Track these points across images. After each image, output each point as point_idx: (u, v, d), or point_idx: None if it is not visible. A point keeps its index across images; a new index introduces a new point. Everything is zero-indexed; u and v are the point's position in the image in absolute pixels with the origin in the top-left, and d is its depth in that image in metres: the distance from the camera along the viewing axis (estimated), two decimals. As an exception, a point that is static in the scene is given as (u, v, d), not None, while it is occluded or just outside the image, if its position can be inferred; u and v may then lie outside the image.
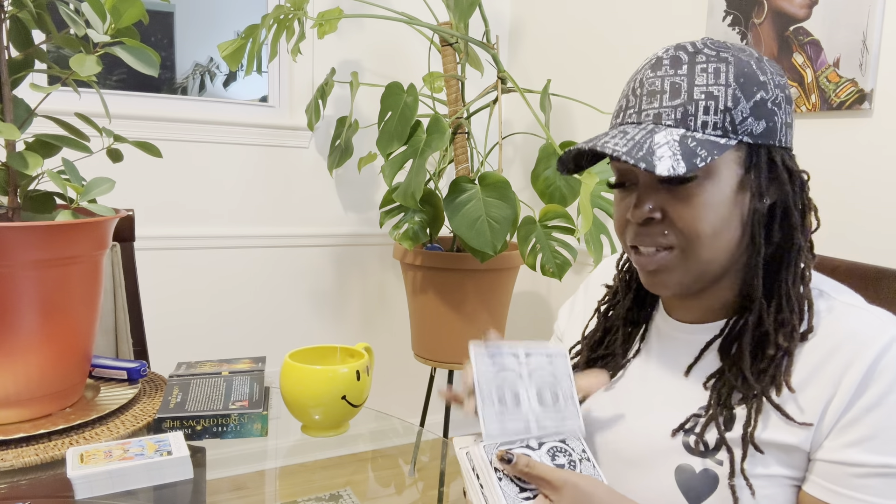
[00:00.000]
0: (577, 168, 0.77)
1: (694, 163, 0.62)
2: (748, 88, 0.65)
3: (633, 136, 0.65)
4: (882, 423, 0.61)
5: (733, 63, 0.66)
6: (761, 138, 0.66)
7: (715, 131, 0.65)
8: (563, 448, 0.69)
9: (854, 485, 0.62)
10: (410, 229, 1.92)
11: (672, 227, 0.68)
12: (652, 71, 0.68)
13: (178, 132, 2.06)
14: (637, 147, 0.63)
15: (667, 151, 0.62)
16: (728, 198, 0.67)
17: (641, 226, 0.70)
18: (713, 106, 0.64)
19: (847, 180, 1.48)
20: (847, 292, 0.71)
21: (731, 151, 0.66)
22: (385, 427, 1.15)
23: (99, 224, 0.91)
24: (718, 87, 0.65)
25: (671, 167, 0.61)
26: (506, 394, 0.70)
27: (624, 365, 0.80)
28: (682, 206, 0.67)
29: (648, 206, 0.68)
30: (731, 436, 0.67)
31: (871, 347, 0.63)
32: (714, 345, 0.73)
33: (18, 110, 0.94)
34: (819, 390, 0.64)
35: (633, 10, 2.03)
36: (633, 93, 0.69)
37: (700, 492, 0.67)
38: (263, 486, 1.92)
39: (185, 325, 2.14)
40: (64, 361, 0.92)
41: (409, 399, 2.56)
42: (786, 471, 0.65)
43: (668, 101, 0.66)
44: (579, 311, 0.93)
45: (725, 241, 0.68)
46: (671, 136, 0.64)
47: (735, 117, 0.65)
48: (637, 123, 0.67)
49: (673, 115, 0.65)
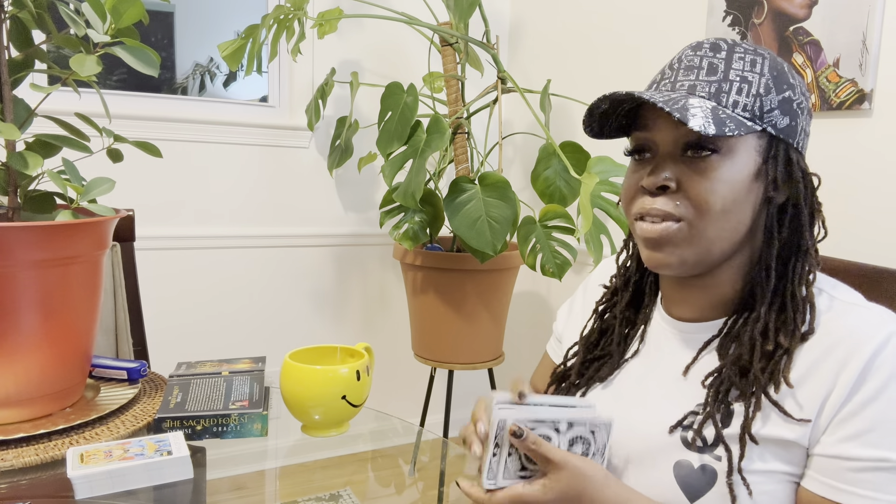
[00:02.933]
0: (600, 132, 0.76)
1: (723, 129, 0.63)
2: (780, 83, 0.68)
3: (670, 94, 0.67)
4: (879, 418, 0.61)
5: (769, 58, 0.69)
6: (783, 133, 0.68)
7: (744, 112, 0.66)
8: (586, 438, 0.69)
9: (851, 479, 0.62)
10: (410, 229, 1.92)
11: (684, 197, 0.68)
12: (692, 51, 0.70)
13: (178, 132, 2.06)
14: (674, 102, 0.65)
15: (700, 113, 0.64)
16: (743, 181, 0.68)
17: (653, 195, 0.70)
18: (746, 89, 0.67)
19: (847, 180, 1.48)
20: (846, 290, 0.72)
21: (753, 138, 0.68)
22: (385, 427, 1.15)
23: (99, 224, 0.91)
24: (753, 74, 0.67)
25: (703, 125, 0.62)
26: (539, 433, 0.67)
27: (621, 364, 0.81)
28: (697, 178, 0.68)
29: (665, 174, 0.69)
30: (728, 432, 0.67)
31: (868, 343, 0.63)
32: (713, 343, 0.73)
33: (18, 110, 0.94)
34: (817, 386, 0.65)
35: (633, 10, 2.03)
36: (671, 67, 0.71)
37: (699, 487, 0.67)
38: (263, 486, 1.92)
39: (185, 325, 2.14)
40: (64, 361, 0.92)
41: (409, 399, 2.56)
42: (784, 467, 0.66)
43: (704, 76, 0.68)
44: (578, 311, 0.93)
45: (734, 223, 0.68)
46: (704, 104, 0.66)
47: (764, 105, 0.67)
48: (671, 91, 0.69)
49: (707, 89, 0.67)
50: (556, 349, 0.95)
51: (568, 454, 0.65)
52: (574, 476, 0.64)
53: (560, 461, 0.64)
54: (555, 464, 0.64)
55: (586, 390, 0.82)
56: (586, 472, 0.64)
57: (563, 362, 0.88)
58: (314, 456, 2.11)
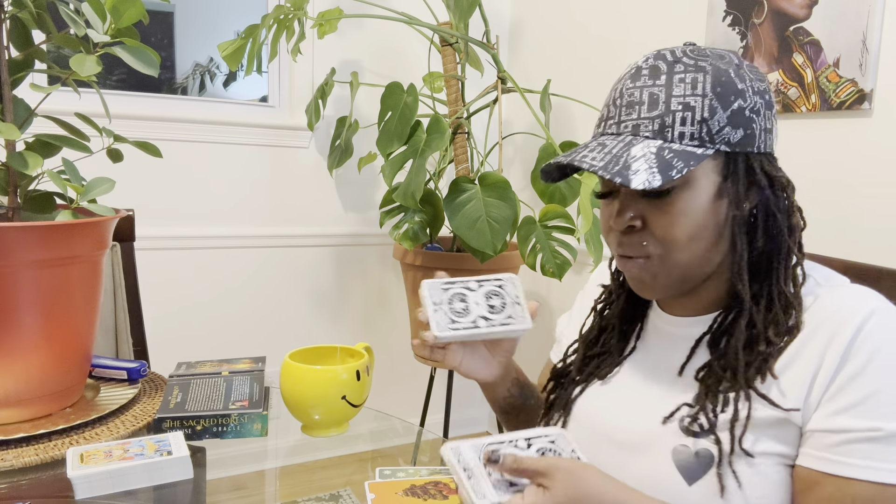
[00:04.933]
0: (561, 177, 0.79)
1: (669, 175, 0.64)
2: (725, 98, 0.67)
3: (612, 149, 0.67)
4: (867, 389, 0.62)
5: (711, 72, 0.67)
6: (739, 146, 0.68)
7: (692, 141, 0.66)
8: (552, 449, 0.70)
9: (844, 451, 0.62)
10: (410, 229, 1.92)
11: (651, 235, 0.70)
12: (631, 81, 0.70)
13: (178, 132, 2.06)
14: (613, 161, 0.66)
15: (643, 164, 0.64)
16: (705, 205, 0.68)
17: (623, 234, 0.72)
18: (690, 117, 0.66)
19: (847, 180, 1.48)
20: (835, 277, 0.73)
21: (709, 160, 0.68)
22: (385, 427, 1.15)
23: (99, 224, 0.91)
24: (695, 98, 0.66)
25: (647, 181, 0.63)
26: (455, 302, 0.78)
27: (619, 361, 0.82)
28: (659, 215, 0.69)
29: (629, 214, 0.71)
30: (721, 419, 0.68)
31: (851, 319, 0.64)
32: (704, 339, 0.75)
33: (18, 110, 0.94)
34: (804, 367, 0.66)
35: (633, 10, 2.03)
36: (614, 103, 0.71)
37: (696, 471, 0.68)
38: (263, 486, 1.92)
39: (184, 325, 2.14)
40: (64, 361, 0.92)
41: (409, 399, 2.56)
42: (779, 447, 0.66)
43: (646, 113, 0.68)
44: (577, 312, 0.95)
45: (703, 246, 0.70)
46: (648, 149, 0.66)
47: (712, 127, 0.66)
48: (616, 135, 0.70)
49: (651, 127, 0.67)
50: (557, 351, 0.96)
51: (554, 460, 0.65)
52: (569, 479, 0.63)
53: (549, 468, 0.64)
54: (543, 472, 0.64)
55: (585, 386, 0.83)
56: (579, 472, 0.64)
57: (562, 359, 0.89)
58: (314, 456, 2.11)
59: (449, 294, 0.79)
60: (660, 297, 0.74)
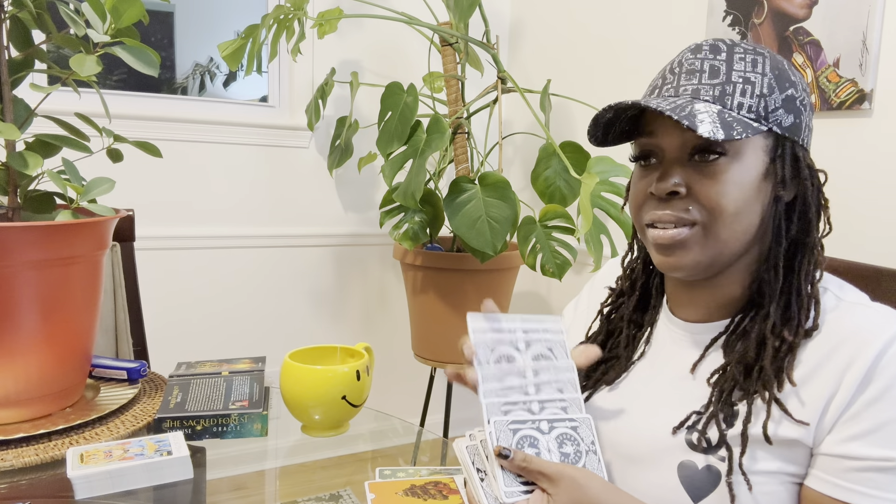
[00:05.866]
0: (604, 139, 0.76)
1: (731, 134, 0.63)
2: (782, 81, 0.68)
3: (675, 101, 0.67)
4: (884, 418, 0.61)
5: (769, 57, 0.69)
6: (789, 131, 0.68)
7: (749, 114, 0.66)
8: (573, 436, 0.69)
9: (855, 478, 0.62)
10: (410, 229, 1.92)
11: (696, 202, 0.68)
12: (692, 54, 0.70)
13: (178, 132, 2.06)
14: (680, 108, 0.65)
15: (707, 118, 0.64)
16: (752, 181, 0.68)
17: (663, 201, 0.70)
18: (750, 90, 0.67)
19: (847, 180, 1.48)
20: (852, 290, 0.72)
21: (760, 138, 0.68)
22: (385, 427, 1.15)
23: (99, 224, 0.91)
24: (755, 75, 0.67)
25: (712, 131, 0.62)
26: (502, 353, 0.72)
27: (628, 367, 0.80)
28: (708, 182, 0.67)
29: (674, 179, 0.68)
30: (731, 433, 0.67)
31: (873, 344, 0.63)
32: (718, 342, 0.73)
33: (18, 110, 0.94)
34: (821, 386, 0.65)
35: (633, 10, 2.03)
36: (672, 71, 0.71)
37: (702, 488, 0.67)
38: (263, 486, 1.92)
39: (185, 325, 2.14)
40: (64, 361, 0.92)
41: (409, 399, 2.55)
42: (787, 466, 0.65)
43: (706, 80, 0.68)
44: (583, 311, 0.93)
45: (745, 225, 0.68)
46: (710, 108, 0.66)
47: (769, 104, 0.67)
48: (675, 97, 0.69)
49: (711, 93, 0.67)
50: None
51: (562, 466, 0.64)
52: (573, 487, 0.63)
53: (555, 474, 0.63)
54: (549, 477, 0.64)
55: (592, 392, 0.81)
56: (583, 481, 0.64)
57: None
58: (314, 456, 2.10)
59: (517, 437, 0.68)
60: (687, 275, 0.71)
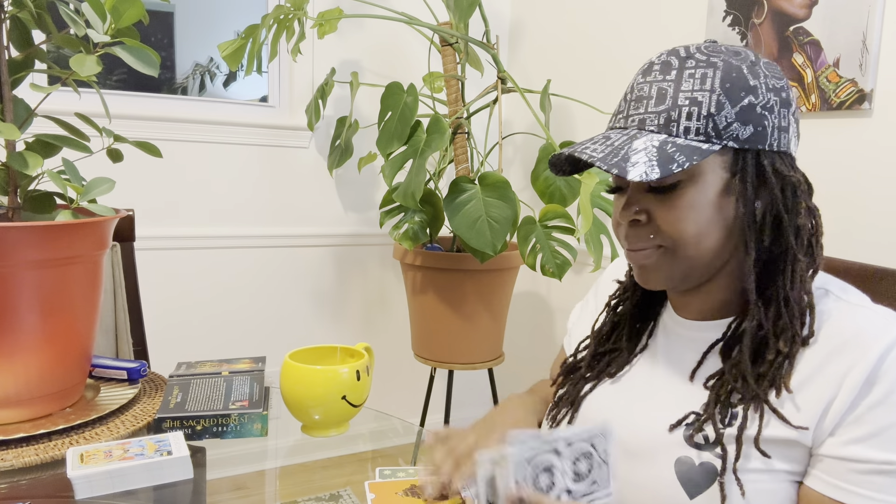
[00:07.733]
0: (573, 170, 0.79)
1: (669, 168, 0.63)
2: (735, 93, 0.66)
3: (614, 142, 0.68)
4: (886, 421, 0.62)
5: (722, 68, 0.67)
6: (748, 143, 0.67)
7: (697, 136, 0.66)
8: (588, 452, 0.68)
9: (856, 480, 0.62)
10: (410, 229, 1.92)
11: (657, 229, 0.70)
12: (642, 77, 0.70)
13: (178, 132, 2.06)
14: (613, 153, 0.66)
15: (643, 157, 0.64)
16: (712, 201, 0.68)
17: (630, 227, 0.73)
18: (696, 112, 0.66)
19: (847, 180, 1.48)
20: (853, 292, 0.72)
21: (717, 156, 0.68)
22: (385, 427, 1.15)
23: (99, 224, 0.91)
24: (703, 93, 0.66)
25: (644, 173, 0.63)
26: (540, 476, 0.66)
27: (630, 360, 0.82)
28: (665, 209, 0.69)
29: (635, 208, 0.71)
30: (728, 432, 0.67)
31: (874, 347, 0.63)
32: (717, 347, 0.74)
33: (18, 110, 0.94)
34: (821, 388, 0.65)
35: (633, 11, 2.03)
36: (625, 98, 0.72)
37: (699, 484, 0.68)
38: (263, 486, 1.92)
39: (185, 325, 2.14)
40: (64, 361, 0.92)
41: (409, 399, 2.55)
42: (786, 465, 0.66)
43: (653, 107, 0.68)
44: (591, 305, 0.95)
45: (710, 243, 0.69)
46: (650, 143, 0.66)
47: (718, 122, 0.66)
48: (623, 129, 0.70)
49: (656, 121, 0.67)
50: (569, 342, 0.96)
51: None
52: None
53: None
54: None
55: (596, 384, 0.82)
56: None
57: (573, 354, 0.89)
58: (314, 456, 2.10)
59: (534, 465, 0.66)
60: (662, 287, 0.74)
